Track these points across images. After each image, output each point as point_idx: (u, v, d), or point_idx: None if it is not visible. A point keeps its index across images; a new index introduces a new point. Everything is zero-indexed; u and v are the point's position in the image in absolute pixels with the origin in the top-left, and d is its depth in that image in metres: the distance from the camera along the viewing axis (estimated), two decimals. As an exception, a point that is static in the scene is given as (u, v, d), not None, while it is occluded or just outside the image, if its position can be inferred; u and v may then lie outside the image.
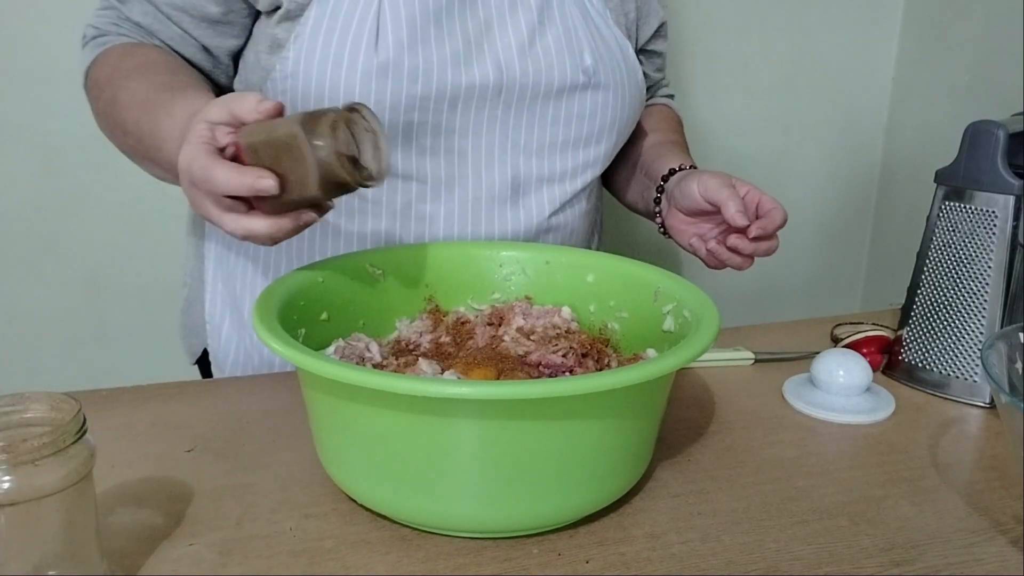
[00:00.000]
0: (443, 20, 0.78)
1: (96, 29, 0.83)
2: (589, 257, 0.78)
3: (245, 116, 0.60)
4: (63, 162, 1.23)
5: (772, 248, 0.79)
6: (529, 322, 0.73)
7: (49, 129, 1.21)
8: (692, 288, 0.68)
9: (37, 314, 1.28)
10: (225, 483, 0.64)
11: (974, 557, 0.57)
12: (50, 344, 1.29)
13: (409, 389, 0.50)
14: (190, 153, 0.60)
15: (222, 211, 0.61)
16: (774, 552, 0.57)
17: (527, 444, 0.53)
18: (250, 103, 0.60)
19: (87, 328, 1.31)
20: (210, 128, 0.61)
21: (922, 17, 1.48)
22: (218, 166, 0.59)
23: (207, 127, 0.61)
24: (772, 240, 0.78)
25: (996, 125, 0.78)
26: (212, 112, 0.61)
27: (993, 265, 0.78)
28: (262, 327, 0.57)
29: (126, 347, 1.32)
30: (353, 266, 0.73)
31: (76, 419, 0.47)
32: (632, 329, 0.73)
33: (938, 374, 0.81)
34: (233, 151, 0.61)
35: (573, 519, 0.59)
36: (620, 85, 0.88)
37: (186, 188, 0.63)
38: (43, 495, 0.46)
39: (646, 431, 0.60)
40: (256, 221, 0.61)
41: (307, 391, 0.60)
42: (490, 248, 0.79)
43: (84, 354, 1.31)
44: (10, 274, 1.25)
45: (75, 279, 1.28)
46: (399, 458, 0.55)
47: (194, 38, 0.82)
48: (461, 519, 0.56)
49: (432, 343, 0.72)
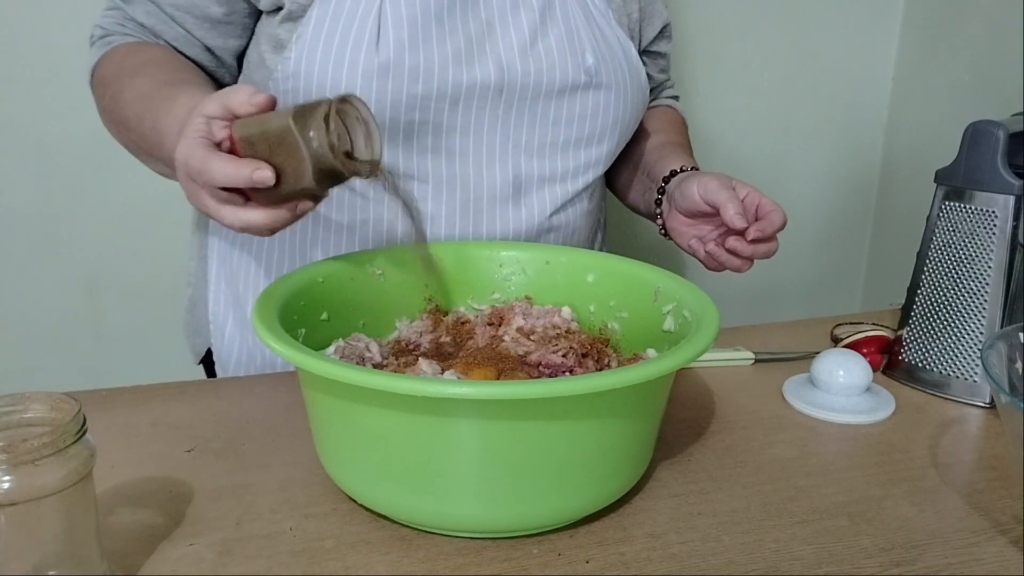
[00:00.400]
0: (444, 19, 0.78)
1: (102, 29, 0.83)
2: (589, 257, 0.78)
3: (238, 109, 0.61)
4: (63, 162, 1.23)
5: (771, 251, 0.79)
6: (529, 322, 0.73)
7: (49, 129, 1.21)
8: (692, 288, 0.68)
9: (37, 314, 1.28)
10: (225, 483, 0.64)
11: (974, 557, 0.57)
12: (50, 344, 1.29)
13: (409, 389, 0.50)
14: (186, 147, 0.61)
15: (219, 204, 0.62)
16: (774, 552, 0.57)
17: (527, 444, 0.53)
18: (242, 96, 0.60)
19: (87, 328, 1.31)
20: (206, 122, 0.61)
21: (922, 17, 1.48)
22: (214, 159, 0.59)
23: (203, 121, 0.61)
24: (771, 243, 0.78)
25: (996, 125, 0.78)
26: (207, 106, 0.61)
27: (993, 265, 0.78)
28: (262, 327, 0.57)
29: (126, 347, 1.32)
30: (353, 266, 0.73)
31: (76, 419, 0.47)
32: (632, 329, 0.73)
33: (938, 374, 0.81)
34: (229, 145, 0.61)
35: (573, 519, 0.59)
36: (622, 85, 0.88)
37: (183, 182, 0.64)
38: (43, 495, 0.46)
39: (646, 431, 0.60)
40: (253, 213, 0.62)
41: (307, 391, 0.60)
42: (490, 248, 0.79)
43: (84, 354, 1.31)
44: (10, 274, 1.25)
45: (75, 279, 1.28)
46: (399, 458, 0.55)
47: (196, 38, 0.82)
48: (461, 519, 0.56)
49: (432, 343, 0.72)
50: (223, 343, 0.93)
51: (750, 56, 1.49)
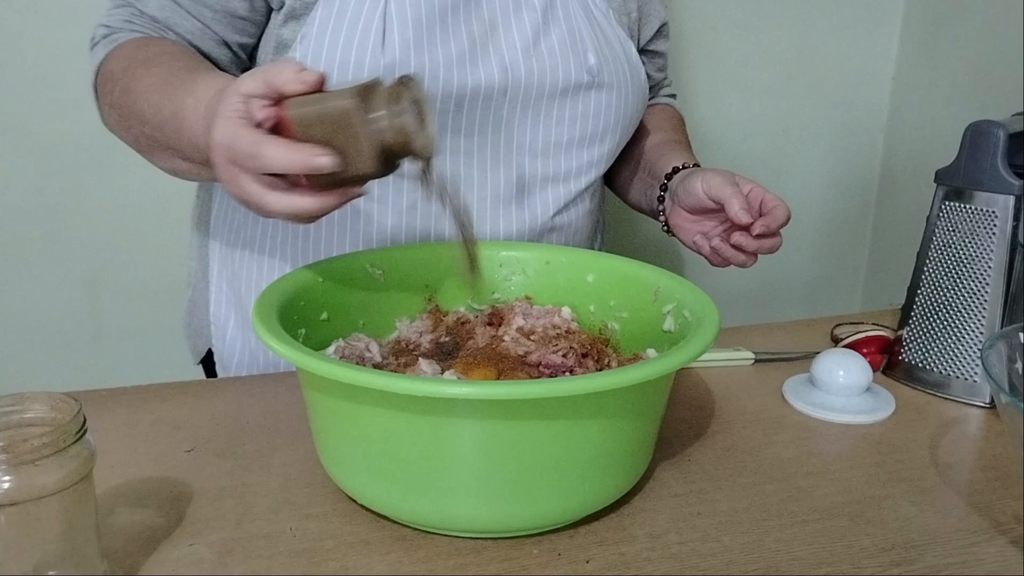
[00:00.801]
0: (448, 20, 0.78)
1: (107, 28, 0.81)
2: (589, 257, 0.78)
3: (285, 87, 0.56)
4: (63, 162, 1.23)
5: (776, 245, 0.79)
6: (529, 322, 0.73)
7: (49, 129, 1.21)
8: (692, 288, 0.68)
9: (37, 314, 1.28)
10: (225, 483, 0.64)
11: (974, 557, 0.57)
12: (50, 344, 1.29)
13: (409, 389, 0.50)
14: (229, 128, 0.57)
15: (265, 189, 0.58)
16: (774, 552, 0.57)
17: (527, 444, 0.53)
18: (289, 73, 0.55)
19: (87, 328, 1.31)
20: (244, 101, 0.57)
21: (922, 17, 1.48)
22: (267, 142, 0.55)
23: (240, 100, 0.57)
24: (776, 237, 0.78)
25: (996, 125, 0.78)
26: (247, 84, 0.57)
27: (993, 265, 0.78)
28: (262, 327, 0.57)
29: (126, 347, 1.32)
30: (353, 266, 0.73)
31: (76, 419, 0.47)
32: (632, 329, 0.73)
33: (938, 374, 0.81)
34: (271, 125, 0.57)
35: (573, 519, 0.59)
36: (623, 85, 0.88)
37: (222, 167, 0.59)
38: (43, 495, 0.46)
39: (646, 431, 0.60)
40: (303, 199, 0.58)
41: (307, 391, 0.60)
42: (490, 248, 0.79)
43: (84, 354, 1.31)
44: (10, 274, 1.25)
45: (74, 279, 1.28)
46: (399, 458, 0.55)
47: (214, 31, 0.81)
48: (461, 519, 0.56)
49: (432, 343, 0.72)
50: (224, 344, 0.93)
51: (749, 56, 1.49)
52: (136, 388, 0.79)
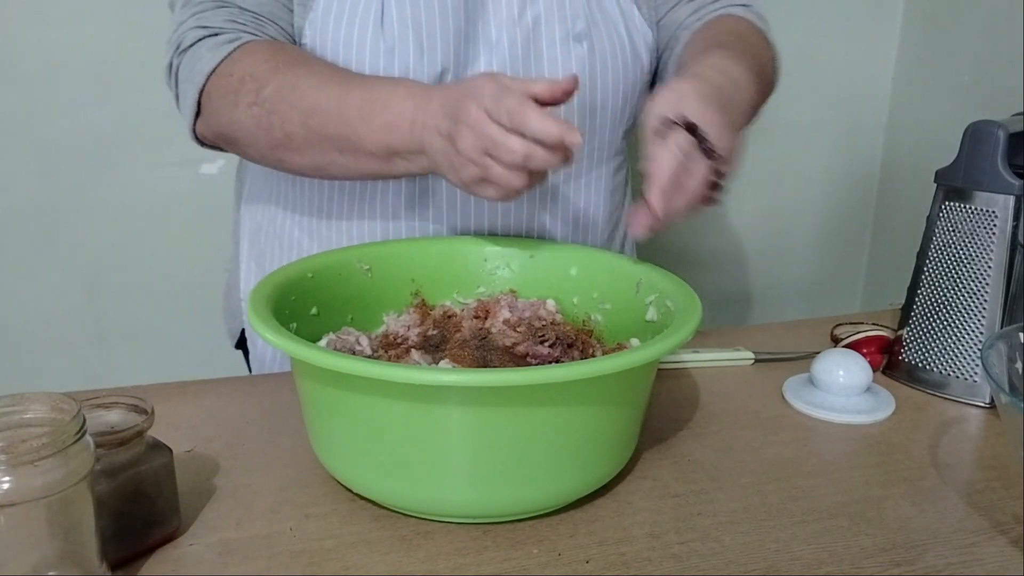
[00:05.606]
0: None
1: (207, 28, 0.79)
2: (572, 251, 0.79)
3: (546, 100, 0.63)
4: (63, 162, 1.23)
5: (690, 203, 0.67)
6: (515, 315, 0.74)
7: (49, 129, 1.21)
8: (674, 279, 0.69)
9: (37, 314, 1.28)
10: (225, 483, 0.64)
11: (974, 557, 0.57)
12: (50, 344, 1.29)
13: (405, 377, 0.52)
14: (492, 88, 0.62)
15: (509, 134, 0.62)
16: (774, 552, 0.57)
17: (517, 430, 0.55)
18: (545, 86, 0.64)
19: (87, 328, 1.30)
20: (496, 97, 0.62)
21: (922, 17, 1.48)
22: (533, 106, 0.60)
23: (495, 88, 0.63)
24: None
25: (996, 125, 0.78)
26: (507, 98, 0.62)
27: (993, 265, 0.78)
28: (257, 320, 0.59)
29: (126, 347, 1.32)
30: (341, 262, 0.74)
31: (76, 419, 0.47)
32: (615, 320, 0.74)
33: (938, 374, 0.81)
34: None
35: (563, 503, 0.60)
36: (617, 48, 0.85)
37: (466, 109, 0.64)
38: (43, 495, 0.46)
39: (632, 417, 0.62)
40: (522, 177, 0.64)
41: (302, 382, 0.61)
42: (475, 243, 0.80)
43: (84, 354, 1.31)
44: (9, 274, 1.25)
45: (74, 279, 1.28)
46: (392, 445, 0.56)
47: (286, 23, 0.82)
48: (452, 504, 0.57)
49: (420, 336, 0.72)
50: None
51: (750, 56, 1.49)
52: (136, 388, 0.79)
